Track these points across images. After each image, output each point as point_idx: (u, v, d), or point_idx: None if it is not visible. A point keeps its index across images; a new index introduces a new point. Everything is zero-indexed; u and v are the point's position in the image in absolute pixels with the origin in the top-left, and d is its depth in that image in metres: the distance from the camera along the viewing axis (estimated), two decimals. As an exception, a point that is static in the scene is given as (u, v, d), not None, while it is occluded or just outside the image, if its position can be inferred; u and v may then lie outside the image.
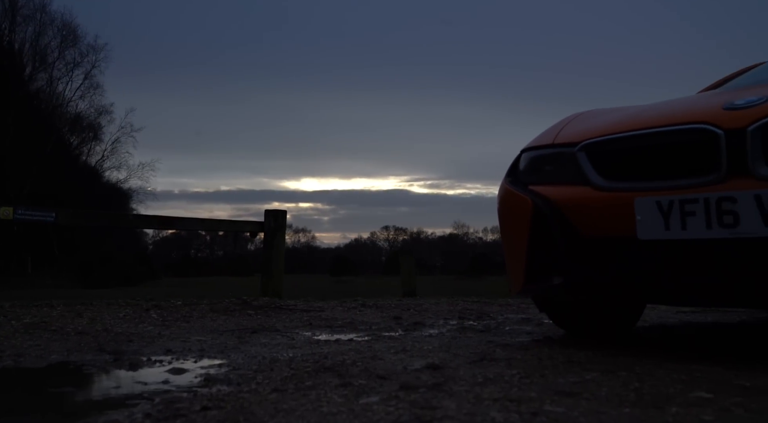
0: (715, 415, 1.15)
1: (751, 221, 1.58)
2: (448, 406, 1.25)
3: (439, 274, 34.71)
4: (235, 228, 5.97)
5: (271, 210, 5.48)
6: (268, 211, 5.45)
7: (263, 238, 5.44)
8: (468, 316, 3.68)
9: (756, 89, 1.80)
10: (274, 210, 5.48)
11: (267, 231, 5.38)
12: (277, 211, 5.48)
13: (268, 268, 5.30)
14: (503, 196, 2.32)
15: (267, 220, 5.40)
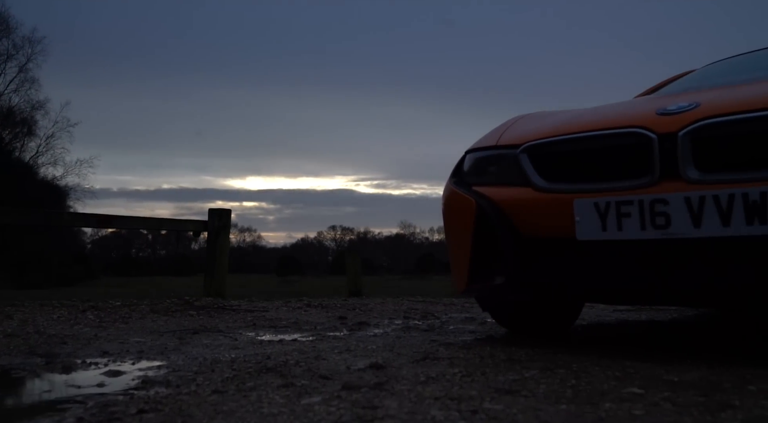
0: (645, 409, 1.20)
1: (681, 222, 1.64)
2: (389, 406, 1.25)
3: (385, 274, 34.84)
4: (177, 227, 5.84)
5: (216, 209, 5.38)
6: (212, 209, 5.36)
7: (207, 237, 5.34)
8: (413, 315, 3.70)
9: (687, 95, 1.87)
10: (219, 209, 5.39)
11: (211, 230, 5.28)
12: (222, 209, 5.39)
13: (212, 268, 5.20)
14: (448, 197, 2.35)
15: (211, 219, 5.30)
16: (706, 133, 1.64)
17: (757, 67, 2.71)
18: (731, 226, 1.58)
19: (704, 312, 3.52)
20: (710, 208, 1.61)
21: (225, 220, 5.35)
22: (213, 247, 5.26)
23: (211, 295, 4.99)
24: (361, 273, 7.77)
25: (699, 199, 1.62)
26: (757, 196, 1.54)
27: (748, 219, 1.55)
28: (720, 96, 1.76)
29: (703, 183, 1.62)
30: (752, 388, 1.37)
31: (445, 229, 2.42)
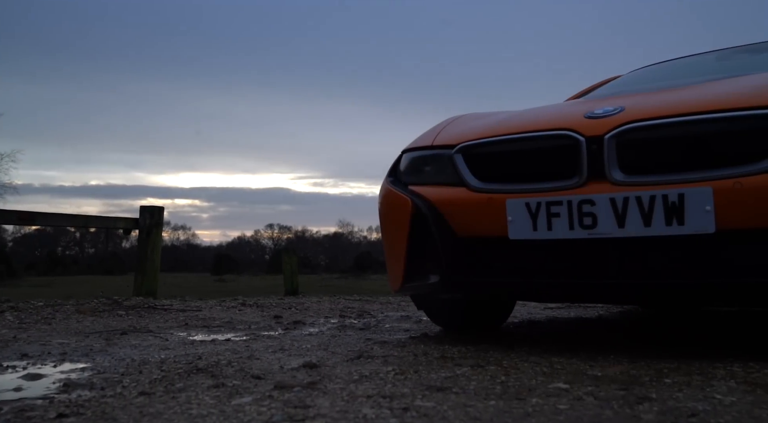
0: (570, 404, 1.23)
1: (606, 223, 1.71)
2: (321, 405, 1.25)
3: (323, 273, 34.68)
4: (107, 224, 5.64)
5: (147, 206, 5.23)
6: (143, 207, 5.20)
7: (138, 235, 5.18)
8: (349, 314, 3.70)
9: (613, 100, 1.94)
10: (151, 206, 5.24)
11: (142, 228, 5.12)
12: (154, 207, 5.24)
13: (143, 267, 5.05)
14: (384, 196, 2.36)
15: (142, 217, 5.15)
16: (630, 136, 1.71)
17: (677, 74, 2.85)
18: (652, 227, 1.65)
19: (629, 309, 3.67)
20: (633, 209, 1.67)
21: (157, 217, 5.20)
22: (144, 245, 5.10)
23: (142, 294, 4.84)
24: (298, 272, 7.71)
25: (623, 200, 1.68)
26: (675, 198, 1.61)
27: (667, 220, 1.63)
28: (643, 101, 1.84)
29: (627, 185, 1.68)
30: (668, 381, 1.44)
31: (381, 227, 2.43)
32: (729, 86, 1.82)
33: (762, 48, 2.85)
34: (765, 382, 1.42)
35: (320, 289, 11.02)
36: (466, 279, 2.00)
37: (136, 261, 5.18)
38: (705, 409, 1.17)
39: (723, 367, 1.60)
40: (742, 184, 1.55)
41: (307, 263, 41.19)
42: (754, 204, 1.55)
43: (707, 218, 1.59)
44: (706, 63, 2.92)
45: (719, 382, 1.42)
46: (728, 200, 1.57)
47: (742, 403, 1.22)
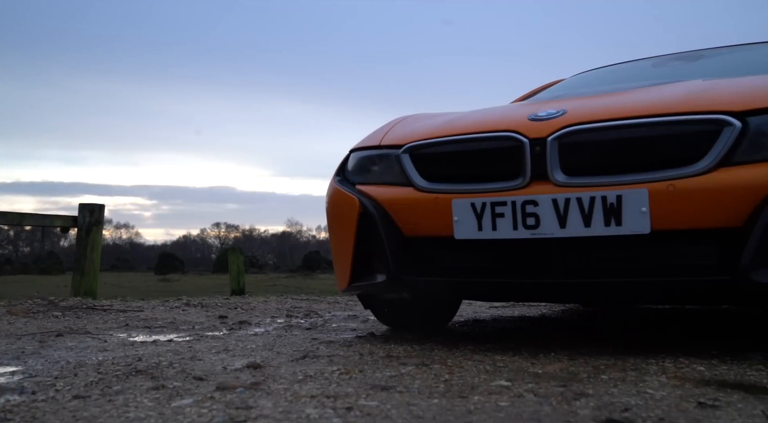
0: (510, 401, 1.26)
1: (549, 223, 1.74)
2: (264, 405, 1.23)
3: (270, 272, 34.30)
4: (43, 222, 5.42)
5: (87, 204, 5.06)
6: (83, 204, 5.03)
7: (77, 234, 5.00)
8: (296, 313, 3.67)
9: (556, 103, 1.99)
10: (90, 204, 5.07)
11: (81, 226, 4.95)
12: (94, 205, 5.07)
13: (82, 266, 4.89)
14: (332, 195, 2.35)
15: (81, 215, 4.98)
16: (571, 138, 1.76)
17: (616, 79, 2.94)
18: (592, 227, 1.69)
19: (571, 307, 3.76)
20: (574, 210, 1.72)
21: (97, 215, 5.04)
22: (83, 244, 4.94)
23: (80, 295, 4.69)
24: (245, 271, 7.60)
25: (564, 201, 1.72)
26: (614, 199, 1.66)
27: (606, 220, 1.67)
28: (584, 105, 1.88)
29: (568, 186, 1.73)
30: (605, 377, 1.48)
31: (328, 227, 2.42)
32: (663, 92, 1.89)
33: (694, 56, 2.98)
34: (693, 377, 1.48)
35: (267, 289, 10.90)
36: (412, 278, 2.01)
37: (74, 260, 5.01)
38: (637, 403, 1.22)
39: (656, 362, 1.66)
40: (675, 187, 1.61)
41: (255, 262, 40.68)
42: (685, 206, 1.61)
43: (643, 219, 1.64)
44: (642, 69, 3.02)
45: (652, 377, 1.47)
46: (662, 202, 1.63)
47: (671, 397, 1.27)
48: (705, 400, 1.24)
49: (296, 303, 4.57)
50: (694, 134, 1.65)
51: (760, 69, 2.28)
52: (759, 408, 1.18)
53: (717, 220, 1.61)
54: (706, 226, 1.63)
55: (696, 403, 1.21)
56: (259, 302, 4.63)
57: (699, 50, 3.09)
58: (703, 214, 1.62)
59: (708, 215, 1.61)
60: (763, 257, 1.52)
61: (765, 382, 1.43)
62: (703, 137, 1.63)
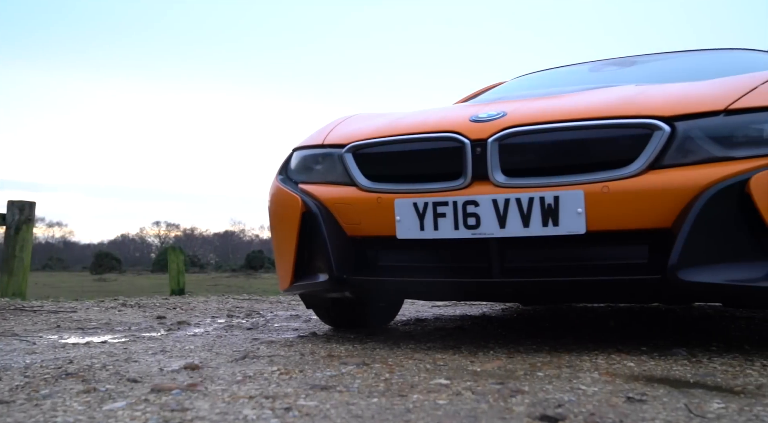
0: (449, 399, 1.27)
1: (489, 223, 1.77)
2: (200, 407, 1.21)
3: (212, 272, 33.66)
4: (-32, 218, 5.16)
5: (16, 201, 4.84)
6: (11, 202, 4.81)
7: (5, 231, 4.78)
8: (237, 313, 3.62)
9: (497, 105, 2.02)
10: (20, 201, 4.85)
11: (10, 224, 4.74)
12: (24, 202, 4.86)
13: (10, 266, 4.68)
14: (274, 194, 2.33)
15: (10, 212, 4.76)
16: (511, 140, 1.79)
17: (555, 82, 3.02)
18: (530, 227, 1.73)
19: (511, 305, 3.84)
20: (513, 210, 1.75)
21: (28, 213, 4.84)
22: (12, 242, 4.72)
23: (8, 295, 4.49)
24: (186, 270, 7.44)
25: (504, 201, 1.76)
26: (551, 200, 1.71)
27: (544, 221, 1.72)
28: (523, 107, 1.93)
29: (508, 187, 1.76)
30: (540, 375, 1.52)
31: (270, 226, 2.39)
32: (598, 96, 1.95)
33: (628, 62, 3.09)
34: (623, 373, 1.53)
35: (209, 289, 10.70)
36: (355, 278, 2.01)
37: (2, 260, 4.79)
38: (570, 399, 1.25)
39: (589, 359, 1.71)
40: (609, 188, 1.67)
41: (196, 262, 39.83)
42: (619, 207, 1.67)
43: (579, 220, 1.69)
44: (580, 73, 3.12)
45: (585, 373, 1.52)
46: (597, 203, 1.68)
47: (602, 392, 1.32)
48: (633, 394, 1.29)
49: (238, 303, 4.50)
50: (627, 138, 1.70)
51: (688, 76, 2.38)
52: (682, 401, 1.23)
53: (648, 221, 1.68)
54: (637, 226, 1.69)
55: (625, 398, 1.26)
56: (199, 302, 4.54)
57: (632, 56, 3.21)
58: (634, 216, 1.68)
59: (639, 216, 1.68)
60: (689, 257, 1.59)
61: (689, 376, 1.50)
62: (635, 141, 1.69)
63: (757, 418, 1.12)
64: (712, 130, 1.66)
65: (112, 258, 38.91)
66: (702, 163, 1.64)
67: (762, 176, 1.56)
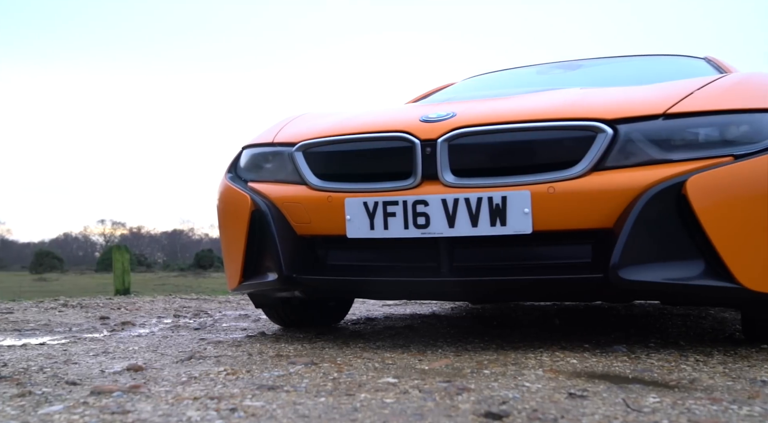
0: (396, 397, 1.28)
1: (438, 222, 1.79)
2: (142, 409, 1.18)
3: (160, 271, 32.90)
4: None
5: (-50, 195, 4.62)
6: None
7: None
8: (184, 313, 3.55)
9: (447, 105, 2.04)
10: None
11: (-58, 219, 4.52)
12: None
13: (-57, 264, 4.46)
14: (223, 192, 2.29)
15: (-57, 207, 4.54)
16: (460, 140, 1.81)
17: (504, 84, 3.07)
18: (478, 227, 1.76)
19: (460, 304, 3.89)
20: (462, 210, 1.77)
21: (-38, 208, 4.62)
22: (-55, 239, 4.50)
23: (-60, 295, 4.27)
24: (132, 270, 7.25)
25: (453, 201, 1.77)
26: (499, 200, 1.73)
27: (492, 220, 1.74)
28: (473, 108, 1.95)
29: (457, 187, 1.78)
30: (487, 372, 1.54)
31: (219, 225, 2.36)
32: (545, 99, 1.99)
33: (575, 65, 3.17)
34: (566, 370, 1.57)
35: (156, 288, 10.46)
36: (304, 277, 2.00)
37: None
38: (515, 396, 1.27)
39: (534, 356, 1.75)
40: (554, 189, 1.71)
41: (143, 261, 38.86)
42: (564, 207, 1.71)
43: (526, 220, 1.72)
44: (528, 75, 3.18)
45: (530, 370, 1.55)
46: (543, 203, 1.72)
47: (546, 389, 1.34)
48: (575, 390, 1.32)
49: (185, 302, 4.42)
50: (572, 140, 1.75)
51: (630, 80, 2.46)
52: (621, 396, 1.27)
53: (591, 222, 1.72)
54: (581, 226, 1.74)
55: (567, 394, 1.29)
56: (145, 302, 4.43)
57: (579, 60, 3.29)
58: (579, 216, 1.72)
59: (583, 217, 1.72)
60: (630, 256, 1.64)
61: (628, 372, 1.55)
62: (580, 143, 1.73)
63: (689, 411, 1.17)
64: (652, 134, 1.71)
65: (53, 257, 37.58)
66: (642, 165, 1.70)
67: (698, 178, 1.63)
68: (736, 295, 1.68)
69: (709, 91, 1.82)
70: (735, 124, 1.71)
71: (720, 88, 1.84)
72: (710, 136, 1.70)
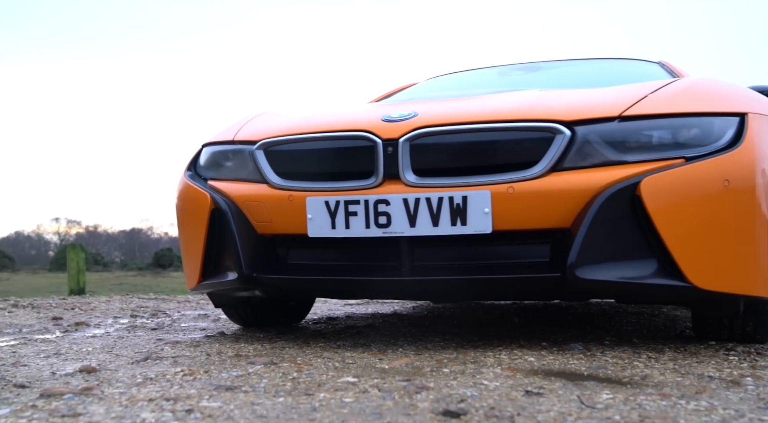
0: (355, 397, 1.28)
1: (400, 222, 1.79)
2: (95, 412, 1.15)
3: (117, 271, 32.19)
4: None
5: None
6: None
7: None
8: (142, 313, 3.48)
9: (409, 105, 2.05)
10: None
11: None
12: None
13: None
14: (182, 191, 2.26)
15: None
16: (422, 140, 1.82)
17: (466, 84, 3.10)
18: (439, 226, 1.77)
19: (422, 303, 3.91)
20: (423, 210, 1.78)
21: None
22: None
23: None
24: (88, 269, 7.07)
25: (414, 201, 1.78)
26: (460, 200, 1.75)
27: (453, 220, 1.76)
28: (434, 108, 1.96)
29: (419, 186, 1.79)
30: (446, 371, 1.55)
31: (178, 223, 2.32)
32: (505, 100, 2.01)
33: (535, 67, 3.22)
34: (524, 367, 1.59)
35: (113, 288, 10.24)
36: (265, 276, 1.98)
37: None
38: (473, 394, 1.29)
39: (493, 355, 1.77)
40: (514, 189, 1.73)
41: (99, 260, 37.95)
42: (523, 207, 1.73)
43: (486, 220, 1.74)
44: (489, 76, 3.22)
45: (488, 369, 1.57)
46: (503, 204, 1.74)
47: (503, 387, 1.36)
48: (532, 388, 1.34)
49: (143, 302, 4.33)
50: (531, 140, 1.77)
51: (589, 82, 2.51)
52: (575, 393, 1.30)
53: (549, 222, 1.75)
54: (540, 226, 1.76)
55: (524, 392, 1.31)
56: (101, 302, 4.33)
57: (538, 62, 3.35)
58: (537, 216, 1.75)
59: (542, 217, 1.75)
60: (586, 256, 1.67)
61: (583, 369, 1.58)
62: (539, 144, 1.76)
63: (640, 406, 1.20)
64: (608, 135, 1.75)
65: (3, 256, 36.38)
66: (599, 166, 1.73)
67: (651, 180, 1.67)
68: (687, 294, 1.73)
69: (662, 95, 1.87)
70: (686, 127, 1.76)
71: (672, 92, 1.89)
72: (663, 139, 1.75)
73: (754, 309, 1.91)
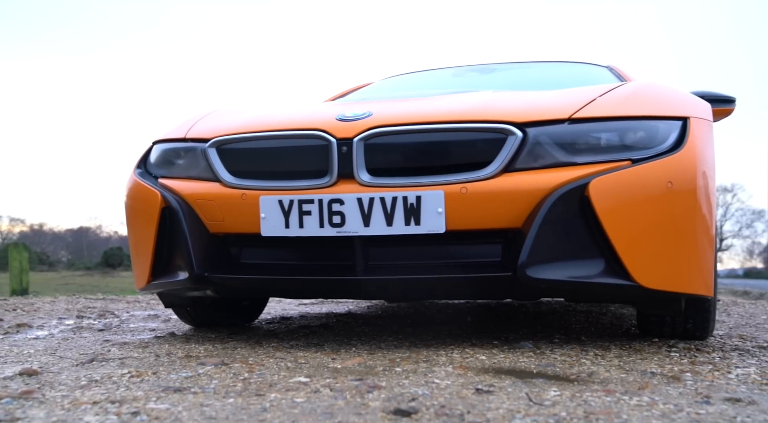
0: (307, 397, 1.27)
1: (354, 221, 1.79)
2: (35, 416, 1.11)
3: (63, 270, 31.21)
4: None
5: None
6: None
7: None
8: (88, 314, 3.38)
9: (363, 105, 2.05)
10: None
11: None
12: None
13: None
14: (131, 189, 2.21)
15: None
16: (376, 140, 1.82)
17: (420, 85, 3.12)
18: (393, 226, 1.77)
19: (376, 303, 3.91)
20: (377, 209, 1.78)
21: None
22: None
23: None
24: (32, 269, 6.84)
25: (369, 200, 1.78)
26: (414, 200, 1.76)
27: (407, 220, 1.76)
28: (389, 108, 1.97)
29: (373, 186, 1.79)
30: (399, 370, 1.56)
31: (127, 222, 2.27)
32: (459, 100, 2.03)
33: (489, 69, 3.26)
34: (475, 366, 1.61)
35: (58, 288, 9.93)
36: (217, 276, 1.95)
37: None
38: (424, 393, 1.30)
39: (445, 354, 1.78)
40: (467, 190, 1.75)
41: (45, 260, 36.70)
42: (476, 208, 1.75)
43: (439, 219, 1.76)
44: (444, 77, 3.24)
45: (440, 367, 1.58)
46: (456, 204, 1.75)
47: (454, 385, 1.38)
48: (482, 386, 1.36)
49: (90, 303, 4.21)
50: (484, 141, 1.79)
51: (541, 85, 2.55)
52: (524, 391, 1.32)
53: (501, 222, 1.77)
54: (492, 226, 1.79)
55: (474, 390, 1.32)
56: (45, 303, 4.19)
57: (493, 64, 3.39)
58: (490, 216, 1.77)
59: (494, 217, 1.77)
60: (537, 255, 1.70)
61: (533, 367, 1.61)
62: (491, 144, 1.78)
63: (586, 402, 1.23)
64: (558, 137, 1.79)
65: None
66: (549, 167, 1.76)
67: (599, 181, 1.71)
68: (632, 292, 1.78)
69: (610, 98, 1.92)
70: (633, 130, 1.81)
71: (620, 96, 1.94)
72: (611, 141, 1.79)
73: (694, 307, 1.98)
